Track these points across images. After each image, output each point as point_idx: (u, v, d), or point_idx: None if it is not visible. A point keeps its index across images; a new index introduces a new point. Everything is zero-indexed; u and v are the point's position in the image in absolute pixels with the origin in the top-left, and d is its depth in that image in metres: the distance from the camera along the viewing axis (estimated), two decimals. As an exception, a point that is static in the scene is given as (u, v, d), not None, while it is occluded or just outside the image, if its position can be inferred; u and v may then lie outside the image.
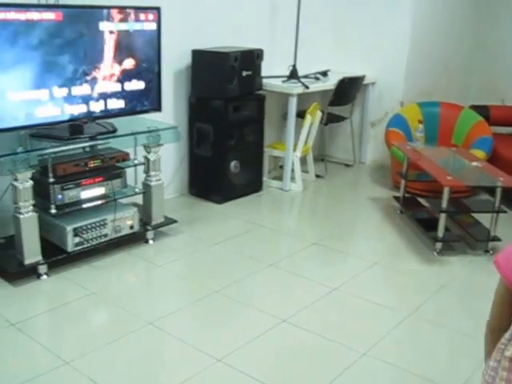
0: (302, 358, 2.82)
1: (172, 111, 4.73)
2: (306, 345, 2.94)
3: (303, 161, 5.47)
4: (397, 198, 4.88)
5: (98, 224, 3.65)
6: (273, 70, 5.22)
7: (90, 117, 3.62)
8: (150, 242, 4.02)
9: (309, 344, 2.94)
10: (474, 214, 4.44)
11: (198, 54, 4.64)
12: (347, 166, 6.11)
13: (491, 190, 4.18)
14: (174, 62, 4.66)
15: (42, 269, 3.44)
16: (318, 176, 5.66)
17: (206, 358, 2.74)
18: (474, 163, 4.42)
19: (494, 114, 5.73)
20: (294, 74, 5.21)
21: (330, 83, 5.45)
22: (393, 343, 3.01)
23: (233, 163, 4.84)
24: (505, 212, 4.15)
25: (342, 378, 2.66)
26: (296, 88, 5.08)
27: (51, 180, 3.42)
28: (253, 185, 5.12)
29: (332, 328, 3.09)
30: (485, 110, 5.70)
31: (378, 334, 3.05)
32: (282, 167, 5.37)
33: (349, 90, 5.56)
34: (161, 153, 3.99)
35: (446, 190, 3.93)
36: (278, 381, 2.63)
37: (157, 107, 4.00)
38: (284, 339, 2.98)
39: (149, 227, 4.03)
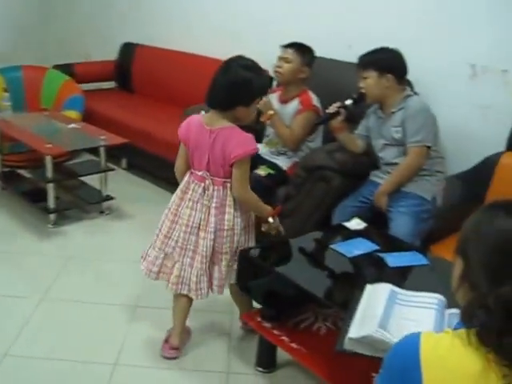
0: None
1: None
2: None
3: None
4: (-6, 175, 4.44)
5: None
6: None
7: None
8: None
9: None
10: (83, 177, 4.28)
11: None
12: None
13: (94, 150, 4.09)
14: None
15: None
16: None
17: None
18: (71, 125, 4.26)
19: (79, 71, 5.55)
20: None
21: None
22: (34, 334, 2.76)
23: None
24: (112, 170, 4.13)
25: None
26: None
27: None
28: None
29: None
30: (70, 69, 5.50)
31: (15, 329, 2.76)
32: None
33: None
34: None
35: (48, 159, 3.69)
36: None
37: None
38: None
39: None
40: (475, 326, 1.19)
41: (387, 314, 1.89)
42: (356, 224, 2.72)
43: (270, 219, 2.54)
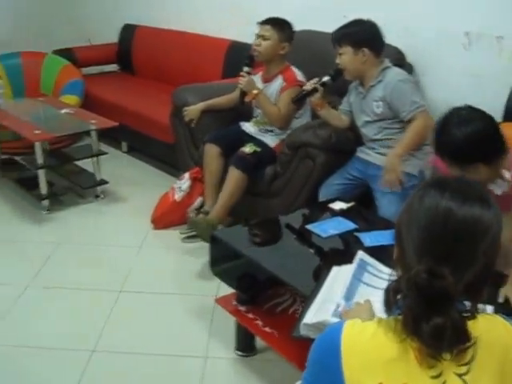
0: None
1: None
2: None
3: None
4: (-8, 162, 4.45)
5: None
6: None
7: None
8: None
9: None
10: (80, 162, 4.23)
11: None
12: None
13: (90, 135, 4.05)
14: None
15: None
16: None
17: None
18: (64, 110, 4.23)
19: (80, 55, 5.52)
20: None
21: None
22: (21, 320, 2.75)
23: None
24: (105, 153, 4.09)
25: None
26: None
27: None
28: None
29: None
30: (70, 53, 5.46)
31: (5, 315, 2.77)
32: None
33: None
34: None
35: (38, 145, 3.68)
36: None
37: None
38: None
39: None
40: (395, 313, 1.12)
41: (349, 295, 1.82)
42: (340, 205, 2.63)
43: None
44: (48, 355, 2.51)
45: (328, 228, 2.41)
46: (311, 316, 1.74)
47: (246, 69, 3.29)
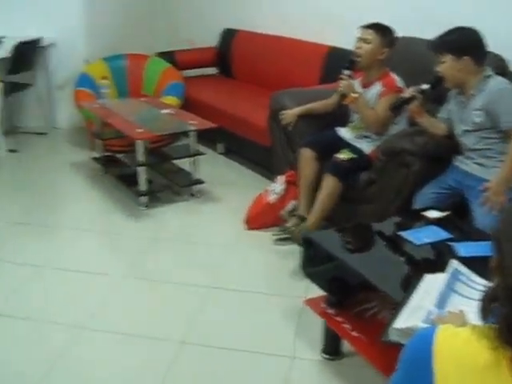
0: (18, 348, 2.54)
1: None
2: (21, 332, 2.66)
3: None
4: (97, 159, 4.67)
5: None
6: None
7: None
8: None
9: (24, 331, 2.67)
10: (177, 161, 4.40)
11: None
12: (41, 134, 5.67)
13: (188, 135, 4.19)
14: None
15: None
16: (11, 151, 5.16)
17: None
18: (165, 111, 4.39)
19: (180, 58, 5.73)
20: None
21: (5, 50, 4.94)
22: (117, 309, 2.89)
23: None
24: (203, 154, 4.21)
25: (68, 356, 2.45)
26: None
27: None
28: None
29: (44, 308, 2.85)
30: (171, 56, 5.68)
31: (99, 303, 2.91)
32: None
33: (26, 55, 5.12)
34: None
35: (139, 143, 3.84)
36: None
37: None
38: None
39: None
40: (491, 321, 1.11)
41: (441, 304, 1.80)
42: (434, 214, 2.60)
43: None
44: (140, 343, 2.63)
45: (422, 236, 2.38)
46: (402, 321, 1.74)
47: (346, 72, 3.29)
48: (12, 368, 2.46)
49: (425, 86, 2.91)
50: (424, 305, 1.79)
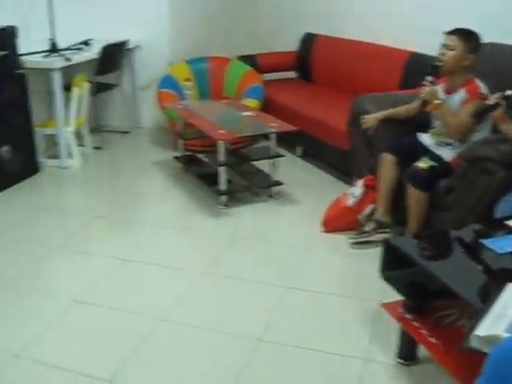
0: (101, 335, 2.68)
1: None
2: (104, 320, 2.82)
3: (79, 135, 5.18)
4: (178, 158, 4.82)
5: None
6: (32, 47, 4.81)
7: None
8: None
9: (107, 319, 2.80)
10: (256, 162, 4.48)
11: None
12: (125, 133, 5.91)
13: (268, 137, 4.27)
14: None
15: None
16: (96, 148, 5.40)
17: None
18: (246, 113, 4.48)
19: (261, 62, 5.83)
20: (54, 48, 4.90)
21: (93, 52, 5.18)
22: (195, 304, 2.98)
23: (3, 150, 4.45)
24: (282, 156, 4.27)
25: (148, 347, 2.57)
26: (57, 62, 4.77)
27: None
28: (28, 168, 4.75)
29: (126, 299, 2.99)
30: (252, 59, 5.80)
31: (178, 298, 3.01)
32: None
33: (113, 56, 5.35)
34: None
35: (221, 144, 3.94)
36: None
37: None
38: (80, 319, 2.82)
39: None
40: None
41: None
42: (517, 224, 2.56)
43: None
44: (217, 338, 2.70)
45: (505, 245, 2.35)
46: (484, 328, 1.74)
47: (428, 78, 3.26)
48: (96, 349, 2.60)
49: (509, 92, 2.87)
50: (507, 313, 1.79)
